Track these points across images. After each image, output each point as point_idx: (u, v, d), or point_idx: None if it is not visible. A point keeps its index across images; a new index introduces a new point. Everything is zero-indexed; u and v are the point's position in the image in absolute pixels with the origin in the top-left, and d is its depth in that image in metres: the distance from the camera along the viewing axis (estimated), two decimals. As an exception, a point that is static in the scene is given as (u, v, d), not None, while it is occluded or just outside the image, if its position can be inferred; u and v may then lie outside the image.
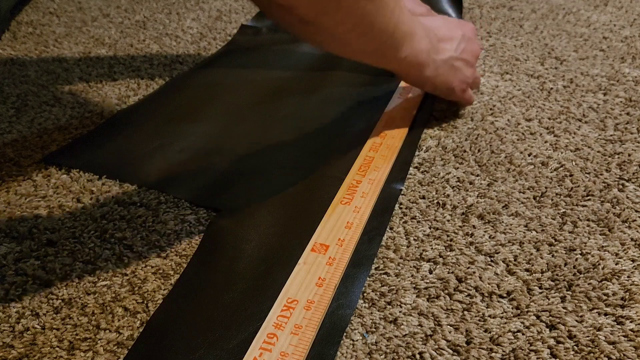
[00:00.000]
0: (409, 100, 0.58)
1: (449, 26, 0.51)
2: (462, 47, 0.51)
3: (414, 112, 0.56)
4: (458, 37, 0.50)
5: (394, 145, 0.50)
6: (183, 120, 0.56)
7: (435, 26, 0.50)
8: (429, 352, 0.33)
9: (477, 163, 0.50)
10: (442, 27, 0.50)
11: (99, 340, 0.34)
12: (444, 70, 0.50)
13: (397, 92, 0.59)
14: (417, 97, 0.58)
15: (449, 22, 0.52)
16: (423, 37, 0.46)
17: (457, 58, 0.50)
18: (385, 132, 0.52)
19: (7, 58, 0.69)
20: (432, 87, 0.51)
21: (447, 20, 0.53)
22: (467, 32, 0.52)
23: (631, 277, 0.38)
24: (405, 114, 0.55)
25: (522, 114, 0.57)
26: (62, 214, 0.43)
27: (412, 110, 0.56)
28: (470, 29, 0.53)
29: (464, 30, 0.52)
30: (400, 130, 0.53)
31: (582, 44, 0.73)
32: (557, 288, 0.37)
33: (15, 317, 0.35)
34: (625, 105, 0.59)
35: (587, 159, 0.50)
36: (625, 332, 0.34)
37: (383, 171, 0.47)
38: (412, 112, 0.56)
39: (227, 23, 0.80)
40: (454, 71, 0.51)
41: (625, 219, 0.43)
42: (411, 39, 0.44)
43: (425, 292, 0.37)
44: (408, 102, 0.57)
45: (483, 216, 0.43)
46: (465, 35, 0.51)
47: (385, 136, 0.51)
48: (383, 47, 0.43)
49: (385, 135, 0.52)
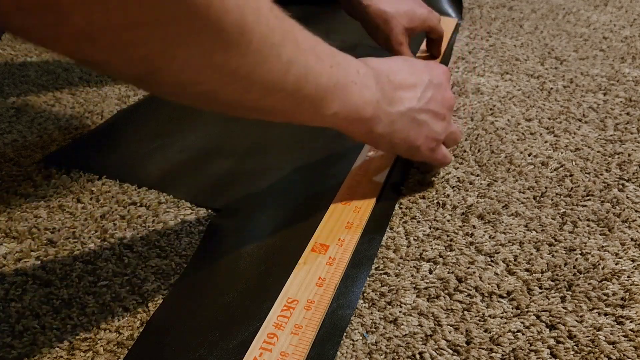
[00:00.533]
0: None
1: (411, 69, 0.42)
2: (428, 95, 0.41)
3: None
4: (423, 84, 0.41)
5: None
6: (183, 120, 0.56)
7: (392, 69, 0.41)
8: (429, 352, 0.33)
9: (477, 163, 0.50)
10: (401, 70, 0.41)
11: (98, 340, 0.34)
12: (403, 125, 0.40)
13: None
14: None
15: (413, 65, 0.43)
16: (367, 86, 0.37)
17: (421, 110, 0.41)
18: None
19: (8, 58, 0.69)
20: (388, 146, 0.41)
21: (410, 62, 0.43)
22: (436, 77, 0.43)
23: (631, 277, 0.38)
24: None
25: (522, 114, 0.57)
26: (62, 213, 0.43)
27: None
28: (440, 73, 0.44)
29: (433, 75, 0.43)
30: None
31: (582, 44, 0.73)
32: (557, 288, 0.37)
33: (15, 317, 0.35)
34: (625, 105, 0.59)
35: (587, 159, 0.50)
36: (625, 332, 0.34)
37: (383, 171, 0.47)
38: None
39: (227, 23, 0.80)
40: (418, 126, 0.41)
41: (625, 219, 0.43)
42: (342, 91, 0.35)
43: (425, 292, 0.37)
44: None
45: (483, 216, 0.43)
46: (434, 81, 0.42)
47: None
48: (289, 105, 0.34)
49: None
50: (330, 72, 0.34)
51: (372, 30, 0.60)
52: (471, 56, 0.70)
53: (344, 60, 0.36)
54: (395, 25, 0.58)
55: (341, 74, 0.35)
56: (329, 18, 0.80)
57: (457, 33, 0.76)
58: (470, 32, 0.77)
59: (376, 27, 0.59)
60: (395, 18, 0.58)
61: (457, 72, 0.66)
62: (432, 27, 0.62)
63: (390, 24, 0.58)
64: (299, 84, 0.32)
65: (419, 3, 0.61)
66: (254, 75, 0.29)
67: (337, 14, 0.81)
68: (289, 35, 0.31)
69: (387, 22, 0.58)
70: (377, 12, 0.58)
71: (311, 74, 0.33)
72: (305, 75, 0.32)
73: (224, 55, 0.27)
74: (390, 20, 0.58)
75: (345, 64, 0.36)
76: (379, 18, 0.58)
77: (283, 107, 0.33)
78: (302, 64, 0.32)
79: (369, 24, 0.59)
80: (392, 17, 0.58)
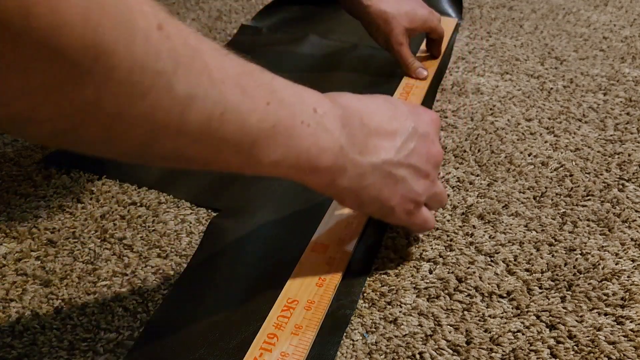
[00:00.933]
0: (409, 101, 0.58)
1: (393, 113, 0.34)
2: (410, 146, 0.34)
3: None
4: (405, 132, 0.34)
5: None
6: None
7: (368, 110, 0.33)
8: (429, 352, 0.33)
9: (477, 163, 0.50)
10: (379, 112, 0.34)
11: (99, 340, 0.34)
12: (376, 179, 0.33)
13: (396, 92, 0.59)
14: (417, 97, 0.58)
15: (396, 108, 0.35)
16: (327, 129, 0.30)
17: (399, 163, 0.33)
18: None
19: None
20: (355, 204, 0.34)
21: (393, 104, 0.35)
22: (423, 124, 0.35)
23: (631, 277, 0.38)
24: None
25: (522, 114, 0.57)
26: (62, 213, 0.43)
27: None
28: (428, 121, 0.36)
29: (419, 122, 0.35)
30: None
31: (582, 44, 0.73)
32: (557, 288, 0.37)
33: (15, 317, 0.35)
34: (625, 105, 0.59)
35: (587, 159, 0.50)
36: (625, 332, 0.34)
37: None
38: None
39: (227, 23, 0.80)
40: (394, 183, 0.34)
41: (625, 219, 0.43)
42: (284, 134, 0.28)
43: (425, 292, 0.37)
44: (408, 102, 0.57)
45: (483, 216, 0.43)
46: (419, 130, 0.35)
47: None
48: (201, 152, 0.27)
49: None
50: (266, 110, 0.27)
51: (372, 30, 0.60)
52: (471, 56, 0.70)
53: (292, 95, 0.30)
54: (396, 26, 0.58)
55: (284, 112, 0.28)
56: (329, 18, 0.80)
57: (457, 33, 0.76)
58: (470, 32, 0.77)
59: (377, 27, 0.59)
60: (396, 18, 0.58)
61: (457, 72, 0.66)
62: (432, 28, 0.62)
63: (390, 24, 0.58)
64: (209, 125, 0.25)
65: (419, 3, 0.61)
66: (128, 113, 0.22)
67: (337, 13, 0.81)
68: (191, 61, 0.24)
69: (387, 22, 0.58)
70: (377, 12, 0.58)
71: (232, 113, 0.26)
72: (220, 114, 0.25)
73: (73, 86, 0.20)
74: (391, 20, 0.58)
75: (293, 100, 0.29)
76: (380, 18, 0.58)
77: (194, 154, 0.26)
78: (214, 99, 0.25)
79: (370, 23, 0.59)
80: (392, 18, 0.58)
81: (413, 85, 0.60)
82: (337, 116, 0.31)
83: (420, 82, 0.60)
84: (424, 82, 0.60)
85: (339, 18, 0.80)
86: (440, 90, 0.62)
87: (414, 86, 0.59)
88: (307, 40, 0.71)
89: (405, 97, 0.58)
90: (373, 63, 0.66)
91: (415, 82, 0.60)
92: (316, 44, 0.71)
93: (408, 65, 0.60)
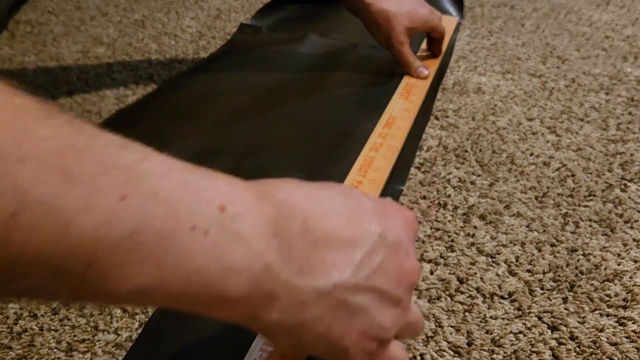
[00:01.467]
0: (410, 101, 0.57)
1: (352, 212, 0.24)
2: (375, 262, 0.23)
3: (415, 112, 0.55)
4: (369, 240, 0.23)
5: (394, 146, 0.50)
6: (182, 120, 0.56)
7: (316, 208, 0.23)
8: (430, 354, 0.33)
9: (478, 163, 0.49)
10: (333, 211, 0.23)
11: (97, 341, 0.33)
12: (322, 311, 0.22)
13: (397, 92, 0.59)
14: (418, 97, 0.58)
15: (358, 205, 0.24)
16: (240, 236, 0.20)
17: (358, 287, 0.23)
18: (386, 132, 0.52)
19: (5, 57, 0.69)
20: (292, 344, 0.23)
21: (354, 198, 0.25)
22: (394, 229, 0.25)
23: (633, 278, 0.38)
24: (406, 114, 0.55)
25: (524, 114, 0.57)
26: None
27: (413, 109, 0.56)
28: (401, 224, 0.25)
29: (387, 226, 0.24)
30: (401, 130, 0.52)
31: (583, 43, 0.73)
32: (559, 289, 0.37)
33: (14, 318, 0.35)
34: (627, 105, 0.59)
35: (589, 159, 0.50)
36: (627, 333, 0.34)
37: (384, 172, 0.47)
38: (414, 112, 0.55)
39: (226, 22, 0.80)
40: (349, 315, 0.23)
41: (628, 219, 0.43)
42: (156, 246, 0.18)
43: (427, 293, 0.37)
44: (409, 102, 0.57)
45: (484, 216, 0.43)
46: (388, 237, 0.24)
47: (386, 136, 0.51)
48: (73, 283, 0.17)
49: (386, 135, 0.51)
50: (117, 208, 0.17)
51: (373, 29, 0.60)
52: (472, 55, 0.70)
53: (178, 186, 0.20)
54: (397, 25, 0.58)
55: (156, 212, 0.18)
56: (329, 17, 0.80)
57: (458, 32, 0.76)
58: (472, 31, 0.77)
59: (378, 26, 0.59)
60: (397, 17, 0.58)
61: (458, 71, 0.66)
62: (433, 27, 0.62)
63: (391, 23, 0.58)
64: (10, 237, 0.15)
65: (420, 2, 0.61)
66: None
67: (337, 12, 0.81)
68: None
69: (388, 21, 0.58)
70: (379, 11, 0.58)
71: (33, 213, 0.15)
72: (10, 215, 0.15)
73: None
74: (392, 19, 0.57)
75: (179, 194, 0.19)
76: (381, 17, 0.58)
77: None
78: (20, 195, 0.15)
79: (371, 22, 0.59)
80: (393, 16, 0.57)
81: (414, 84, 0.59)
82: (265, 218, 0.21)
83: (421, 81, 0.60)
84: (424, 81, 0.60)
85: (339, 17, 0.80)
86: (441, 90, 0.61)
87: (415, 85, 0.59)
88: (307, 40, 0.71)
89: (406, 97, 0.58)
90: (373, 63, 0.66)
91: (415, 81, 0.60)
92: (316, 43, 0.71)
93: (409, 64, 0.60)
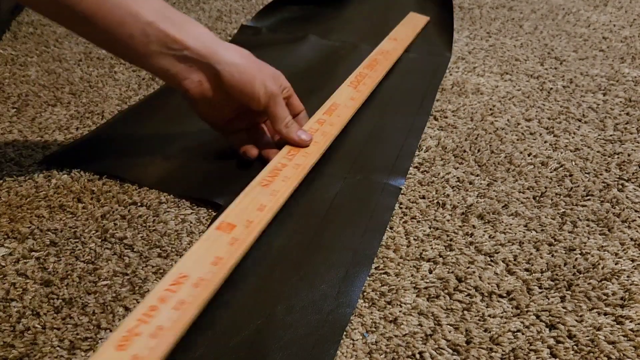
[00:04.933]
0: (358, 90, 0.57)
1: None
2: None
3: (361, 101, 0.56)
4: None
5: (330, 133, 0.50)
6: (184, 120, 0.56)
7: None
8: (429, 352, 0.33)
9: (477, 163, 0.50)
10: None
11: (99, 339, 0.34)
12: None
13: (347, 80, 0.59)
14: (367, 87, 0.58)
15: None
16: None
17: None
18: (324, 119, 0.51)
19: (8, 58, 0.69)
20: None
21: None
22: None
23: (631, 277, 0.38)
24: (351, 103, 0.55)
25: (522, 114, 0.57)
26: (63, 213, 0.43)
27: (360, 99, 0.56)
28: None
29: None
30: (342, 118, 0.52)
31: (581, 44, 0.73)
32: (557, 288, 0.37)
33: (16, 316, 0.35)
34: (624, 106, 0.59)
35: (587, 159, 0.50)
36: (625, 332, 0.34)
37: (311, 157, 0.46)
38: (359, 101, 0.56)
39: (227, 23, 0.80)
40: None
41: (625, 218, 0.43)
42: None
43: (425, 292, 0.37)
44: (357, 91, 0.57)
45: (483, 216, 0.43)
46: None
47: (324, 123, 0.51)
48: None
49: (324, 122, 0.51)
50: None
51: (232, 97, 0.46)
52: (471, 56, 0.70)
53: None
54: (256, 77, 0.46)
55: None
56: (329, 18, 0.80)
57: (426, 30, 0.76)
58: (470, 32, 0.77)
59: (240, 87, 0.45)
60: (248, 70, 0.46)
61: (457, 72, 0.66)
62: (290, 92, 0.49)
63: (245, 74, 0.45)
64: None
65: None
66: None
67: (337, 13, 0.81)
68: None
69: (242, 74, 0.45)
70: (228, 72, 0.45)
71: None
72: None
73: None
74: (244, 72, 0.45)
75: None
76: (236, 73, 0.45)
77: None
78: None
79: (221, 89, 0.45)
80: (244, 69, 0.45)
81: (366, 74, 0.60)
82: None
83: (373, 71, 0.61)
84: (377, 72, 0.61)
85: (339, 18, 0.80)
86: (440, 90, 0.62)
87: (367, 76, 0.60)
88: (307, 41, 0.72)
89: (355, 86, 0.58)
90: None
91: (369, 71, 0.61)
92: (316, 44, 0.71)
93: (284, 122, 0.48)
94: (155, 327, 0.30)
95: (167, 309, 0.31)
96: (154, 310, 0.31)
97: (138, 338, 0.29)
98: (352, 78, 0.59)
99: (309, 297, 0.36)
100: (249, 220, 0.38)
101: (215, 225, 0.37)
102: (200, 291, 0.32)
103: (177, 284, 0.32)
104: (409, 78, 0.64)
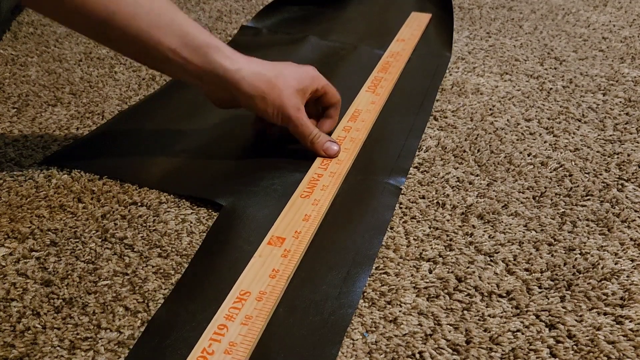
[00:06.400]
0: (377, 94, 0.58)
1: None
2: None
3: (381, 105, 0.57)
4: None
5: (357, 138, 0.51)
6: (184, 120, 0.56)
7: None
8: (429, 352, 0.33)
9: (476, 163, 0.50)
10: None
11: (99, 339, 0.34)
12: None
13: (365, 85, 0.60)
14: (385, 90, 0.59)
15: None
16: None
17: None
18: (350, 125, 0.53)
19: (9, 58, 0.69)
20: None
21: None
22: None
23: (630, 276, 0.38)
24: (372, 107, 0.56)
25: (522, 114, 0.57)
26: (63, 213, 0.44)
27: (380, 102, 0.57)
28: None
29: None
30: (366, 122, 0.53)
31: (581, 44, 0.73)
32: (557, 288, 0.37)
33: (16, 316, 0.35)
34: (624, 106, 0.59)
35: (587, 159, 0.50)
36: (624, 332, 0.34)
37: (345, 164, 0.48)
38: (380, 105, 0.57)
39: (227, 24, 0.80)
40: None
41: (625, 218, 0.43)
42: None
43: (425, 292, 0.37)
44: (376, 95, 0.58)
45: (483, 216, 0.44)
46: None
47: (350, 129, 0.52)
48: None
49: (350, 129, 0.52)
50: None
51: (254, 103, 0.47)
52: (471, 56, 0.70)
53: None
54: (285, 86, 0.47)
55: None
56: (329, 19, 0.80)
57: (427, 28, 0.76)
58: (470, 33, 0.77)
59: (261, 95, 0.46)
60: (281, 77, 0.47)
61: (456, 72, 0.66)
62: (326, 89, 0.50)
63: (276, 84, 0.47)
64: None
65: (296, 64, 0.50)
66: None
67: (337, 14, 0.81)
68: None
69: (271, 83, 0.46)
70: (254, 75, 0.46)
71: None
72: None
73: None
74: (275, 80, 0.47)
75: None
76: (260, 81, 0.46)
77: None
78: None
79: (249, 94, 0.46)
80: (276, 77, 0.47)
81: (382, 78, 0.62)
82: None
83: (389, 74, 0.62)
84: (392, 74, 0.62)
85: (339, 19, 0.80)
86: (440, 91, 0.62)
87: (383, 79, 0.61)
88: (307, 41, 0.72)
89: (373, 90, 0.59)
90: (373, 64, 0.66)
91: (384, 74, 0.62)
92: (316, 44, 0.71)
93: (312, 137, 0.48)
94: (227, 343, 0.32)
95: (236, 325, 0.33)
96: (223, 328, 0.32)
97: (212, 357, 0.31)
98: (369, 83, 0.61)
99: (311, 297, 0.36)
100: (297, 231, 0.40)
101: (266, 241, 0.39)
102: (264, 304, 0.34)
103: (240, 301, 0.34)
104: (409, 78, 0.64)
